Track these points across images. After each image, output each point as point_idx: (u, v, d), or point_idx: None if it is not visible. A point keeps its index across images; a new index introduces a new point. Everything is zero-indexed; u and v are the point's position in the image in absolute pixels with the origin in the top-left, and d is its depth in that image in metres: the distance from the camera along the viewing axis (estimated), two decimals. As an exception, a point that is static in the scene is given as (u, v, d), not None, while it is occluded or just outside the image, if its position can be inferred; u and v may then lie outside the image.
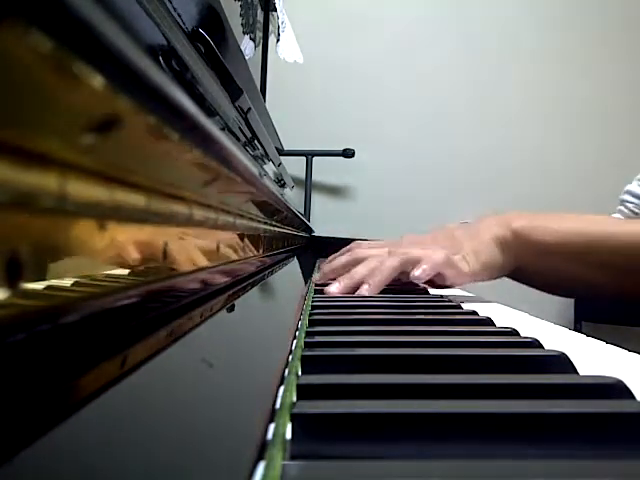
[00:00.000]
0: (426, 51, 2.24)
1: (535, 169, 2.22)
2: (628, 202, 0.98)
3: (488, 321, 0.44)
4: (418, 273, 0.60)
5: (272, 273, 0.64)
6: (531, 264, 0.68)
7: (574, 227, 0.66)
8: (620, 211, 1.00)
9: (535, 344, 0.34)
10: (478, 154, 2.23)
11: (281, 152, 1.47)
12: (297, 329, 0.37)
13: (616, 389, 0.23)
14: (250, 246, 0.50)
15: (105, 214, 0.17)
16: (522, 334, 0.37)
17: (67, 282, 0.15)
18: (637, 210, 0.97)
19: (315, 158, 2.14)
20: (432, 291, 0.70)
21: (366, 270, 0.63)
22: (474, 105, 2.24)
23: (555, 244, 0.66)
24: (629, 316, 1.90)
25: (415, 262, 0.62)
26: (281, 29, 1.48)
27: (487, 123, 2.24)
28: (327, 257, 1.05)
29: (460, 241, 0.67)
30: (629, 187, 0.99)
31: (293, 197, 1.50)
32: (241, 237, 0.45)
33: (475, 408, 0.20)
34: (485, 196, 2.19)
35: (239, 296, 0.40)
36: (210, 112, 0.36)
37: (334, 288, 0.63)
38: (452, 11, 2.25)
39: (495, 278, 0.68)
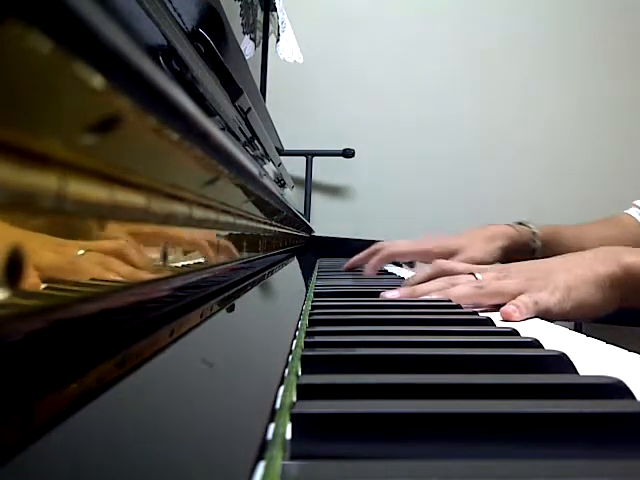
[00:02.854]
0: (426, 51, 2.24)
1: (535, 169, 2.22)
2: None
3: (488, 321, 0.44)
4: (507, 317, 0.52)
5: (272, 273, 0.64)
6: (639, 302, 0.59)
7: None
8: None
9: (535, 344, 0.34)
10: (478, 154, 2.23)
11: (281, 152, 1.47)
12: (297, 329, 0.37)
13: (616, 389, 0.23)
14: (250, 246, 0.50)
15: (105, 214, 0.17)
16: (522, 334, 0.37)
17: (67, 282, 0.15)
18: None
19: (315, 158, 2.14)
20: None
21: (434, 288, 0.61)
22: (474, 105, 2.24)
23: None
24: (629, 316, 1.90)
25: (489, 296, 0.57)
26: (281, 29, 1.48)
27: (487, 123, 2.24)
28: (327, 257, 1.06)
29: (553, 272, 0.58)
30: None
31: (293, 197, 1.50)
32: (241, 237, 0.45)
33: (475, 408, 0.20)
34: (485, 197, 2.19)
35: (239, 296, 0.40)
36: (210, 112, 0.36)
37: (390, 294, 0.61)
38: (452, 11, 2.25)
39: (593, 318, 0.59)
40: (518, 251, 0.96)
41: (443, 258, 0.87)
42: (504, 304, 0.53)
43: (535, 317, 0.54)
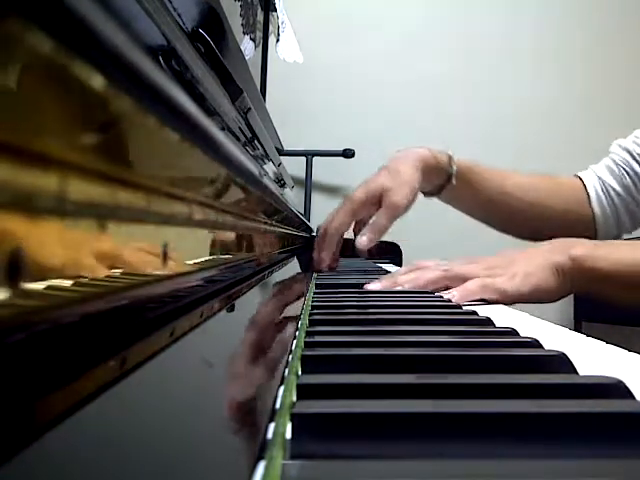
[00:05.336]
0: (426, 51, 2.24)
1: (535, 169, 2.22)
2: (615, 154, 1.05)
3: (488, 321, 0.44)
4: (449, 297, 0.61)
5: (272, 273, 0.64)
6: (586, 291, 0.68)
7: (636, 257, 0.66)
8: (608, 167, 1.06)
9: (535, 344, 0.34)
10: (478, 155, 2.23)
11: (281, 152, 1.47)
12: (297, 329, 0.37)
13: (616, 389, 0.23)
14: (250, 246, 0.50)
15: (105, 214, 0.17)
16: (522, 334, 0.37)
17: (67, 282, 0.15)
18: (623, 164, 1.03)
19: (315, 158, 2.14)
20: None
21: (406, 279, 0.69)
22: (474, 105, 2.24)
23: (612, 273, 0.65)
24: (629, 316, 1.90)
25: (455, 279, 0.65)
26: (281, 29, 1.48)
27: (487, 123, 2.24)
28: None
29: (515, 262, 0.67)
30: (621, 140, 1.05)
31: (293, 197, 1.50)
32: (241, 237, 0.45)
33: (475, 408, 0.20)
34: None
35: (239, 296, 0.40)
36: (210, 112, 0.36)
37: (372, 286, 0.69)
38: (452, 11, 2.25)
39: (548, 302, 0.68)
40: (433, 174, 1.03)
41: (371, 204, 0.92)
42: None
43: (501, 304, 0.62)
